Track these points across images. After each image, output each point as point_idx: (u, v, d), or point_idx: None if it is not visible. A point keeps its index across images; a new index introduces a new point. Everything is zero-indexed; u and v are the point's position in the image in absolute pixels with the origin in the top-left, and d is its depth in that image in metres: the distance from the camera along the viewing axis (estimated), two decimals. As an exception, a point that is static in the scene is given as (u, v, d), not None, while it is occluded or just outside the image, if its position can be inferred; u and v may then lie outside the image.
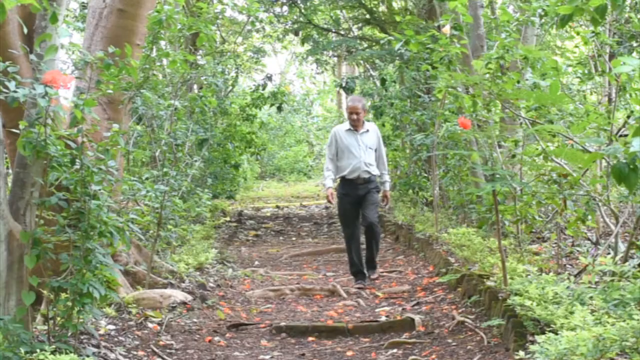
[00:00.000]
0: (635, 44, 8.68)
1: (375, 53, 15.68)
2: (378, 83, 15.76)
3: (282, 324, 6.76)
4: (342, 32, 18.69)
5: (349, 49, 17.43)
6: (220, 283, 8.44)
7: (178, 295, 7.02)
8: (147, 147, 10.32)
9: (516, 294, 5.43)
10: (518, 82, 6.36)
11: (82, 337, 5.28)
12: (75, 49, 7.77)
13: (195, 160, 10.90)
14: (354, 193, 8.23)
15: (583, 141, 6.12)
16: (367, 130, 8.27)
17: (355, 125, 8.19)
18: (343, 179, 8.27)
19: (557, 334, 4.39)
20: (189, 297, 7.14)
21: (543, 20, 7.90)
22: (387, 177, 8.49)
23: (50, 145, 4.61)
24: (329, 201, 8.31)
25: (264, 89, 16.66)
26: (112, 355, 5.28)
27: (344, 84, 16.00)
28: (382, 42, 14.99)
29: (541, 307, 5.04)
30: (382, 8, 17.72)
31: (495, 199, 6.34)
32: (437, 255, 8.95)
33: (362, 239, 8.57)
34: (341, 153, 8.18)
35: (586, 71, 8.16)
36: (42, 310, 5.33)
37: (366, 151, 8.17)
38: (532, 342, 4.68)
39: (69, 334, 4.96)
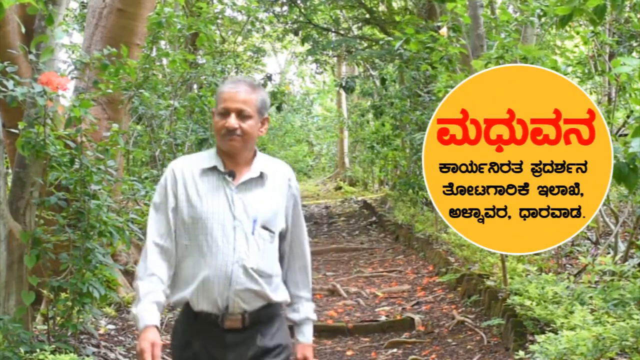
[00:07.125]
0: (635, 44, 8.68)
1: (375, 53, 15.68)
2: (378, 83, 15.76)
3: (282, 323, 6.72)
4: (341, 32, 18.69)
5: (349, 49, 17.42)
6: (220, 283, 8.43)
7: (178, 295, 7.02)
8: (146, 146, 10.31)
9: (516, 294, 5.44)
10: (518, 81, 6.34)
11: (82, 337, 5.28)
12: (75, 48, 7.77)
13: (195, 160, 10.86)
14: (214, 354, 2.78)
15: (583, 141, 6.10)
16: (260, 177, 2.88)
17: (231, 149, 2.81)
18: (186, 309, 2.86)
19: (556, 333, 4.39)
20: (189, 297, 7.14)
21: (543, 21, 7.89)
22: (308, 308, 2.97)
23: (49, 145, 4.61)
24: None
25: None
26: (112, 355, 5.28)
27: (344, 84, 15.99)
28: (381, 42, 15.00)
29: (541, 306, 5.04)
30: (382, 8, 17.72)
31: (495, 198, 6.33)
32: (436, 254, 8.95)
33: None
34: (185, 233, 2.91)
35: (586, 71, 8.14)
36: (42, 310, 5.33)
37: (251, 234, 2.81)
38: (532, 342, 4.68)
39: (69, 333, 4.96)
